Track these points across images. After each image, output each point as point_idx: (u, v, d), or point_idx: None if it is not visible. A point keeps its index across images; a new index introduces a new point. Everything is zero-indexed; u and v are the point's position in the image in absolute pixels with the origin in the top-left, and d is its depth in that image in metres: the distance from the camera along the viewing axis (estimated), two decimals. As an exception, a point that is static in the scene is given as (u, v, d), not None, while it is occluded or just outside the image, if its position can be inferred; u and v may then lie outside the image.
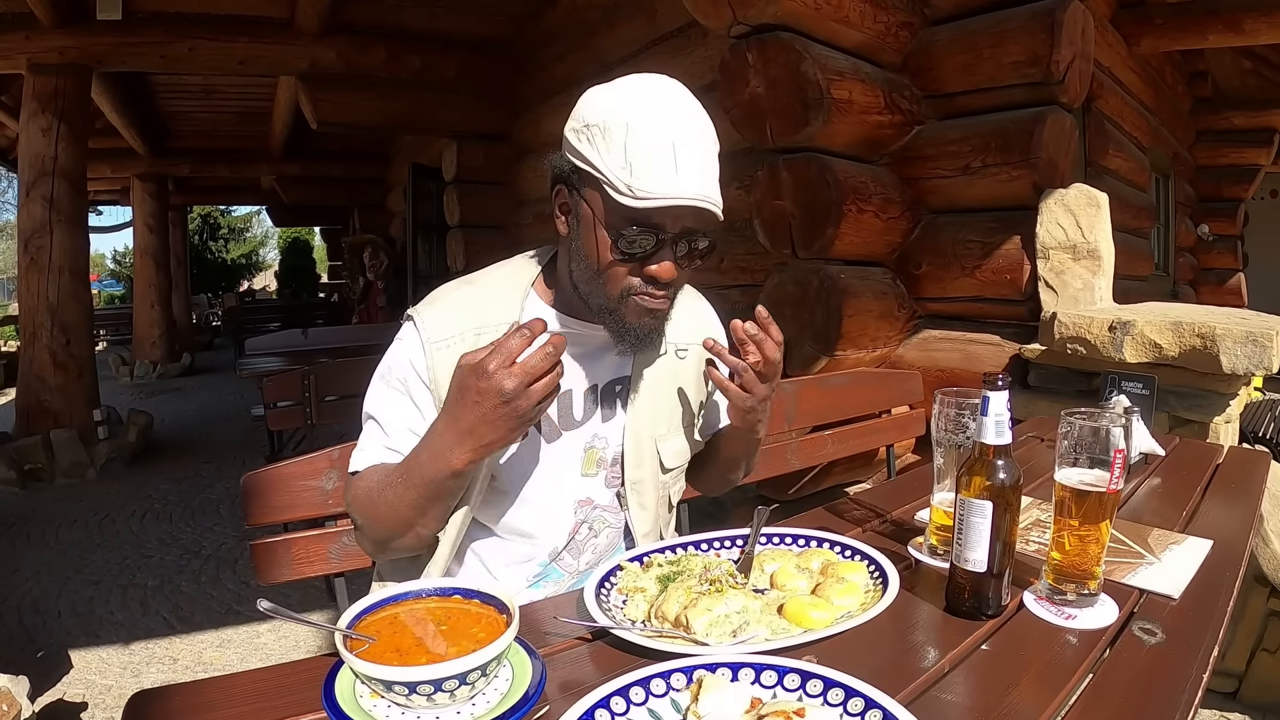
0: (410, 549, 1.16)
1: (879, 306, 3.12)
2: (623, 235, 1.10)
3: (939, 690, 0.85)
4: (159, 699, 0.88)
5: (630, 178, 1.06)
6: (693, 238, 1.14)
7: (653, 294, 1.15)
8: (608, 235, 1.11)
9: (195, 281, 17.59)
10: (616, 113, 1.08)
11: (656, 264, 1.12)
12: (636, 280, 1.14)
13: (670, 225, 1.10)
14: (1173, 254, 7.01)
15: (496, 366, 0.95)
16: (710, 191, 1.10)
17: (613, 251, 1.12)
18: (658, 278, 1.13)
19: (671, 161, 1.06)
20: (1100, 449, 1.01)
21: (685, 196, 1.06)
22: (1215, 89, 7.02)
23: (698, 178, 1.08)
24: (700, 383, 1.41)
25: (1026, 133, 2.82)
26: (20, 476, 5.48)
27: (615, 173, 1.07)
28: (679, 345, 1.37)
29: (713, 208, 1.10)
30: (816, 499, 1.67)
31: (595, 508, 1.31)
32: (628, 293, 1.15)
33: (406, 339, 1.21)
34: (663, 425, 1.34)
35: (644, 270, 1.13)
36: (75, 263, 5.84)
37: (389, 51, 6.35)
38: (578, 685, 0.84)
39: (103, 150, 9.52)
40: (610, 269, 1.14)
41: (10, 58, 5.59)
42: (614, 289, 1.15)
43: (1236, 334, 2.21)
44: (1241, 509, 1.52)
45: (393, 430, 1.18)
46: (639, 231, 1.09)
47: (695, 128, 1.11)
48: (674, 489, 1.41)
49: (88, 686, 2.79)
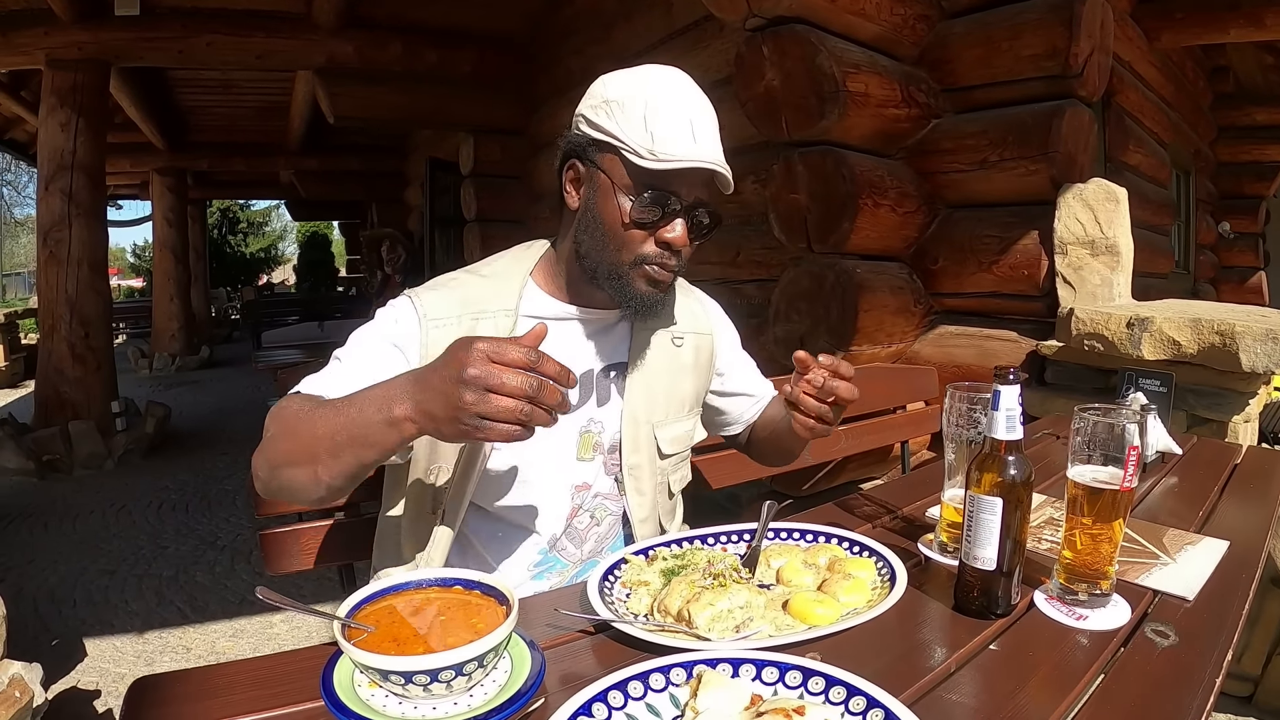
0: (298, 488, 1.02)
1: (895, 301, 3.10)
2: (642, 198, 1.14)
3: (944, 690, 0.83)
4: (160, 685, 0.88)
5: (652, 144, 1.11)
6: (702, 211, 1.19)
7: (665, 263, 1.19)
8: (627, 199, 1.15)
9: (214, 275, 17.76)
10: (636, 90, 1.16)
11: (671, 231, 1.16)
12: (650, 249, 1.18)
13: (685, 194, 1.16)
14: (1193, 251, 6.92)
15: (484, 344, 0.86)
16: (721, 158, 1.16)
17: (631, 214, 1.15)
18: (672, 244, 1.17)
19: (689, 131, 1.13)
20: (1114, 446, 0.99)
21: (704, 160, 1.13)
22: (1237, 84, 6.92)
23: (711, 145, 1.16)
24: (698, 372, 1.44)
25: (1044, 126, 2.78)
26: (39, 467, 5.54)
27: (637, 139, 1.12)
28: (675, 334, 1.39)
29: (727, 173, 1.16)
30: (831, 495, 1.65)
31: (595, 495, 1.32)
32: (640, 261, 1.18)
33: (402, 310, 1.20)
34: (660, 411, 1.36)
35: (658, 235, 1.17)
36: (94, 256, 5.89)
37: (406, 46, 6.36)
38: (578, 678, 0.83)
39: (122, 145, 9.62)
40: (627, 233, 1.17)
41: (29, 53, 5.64)
42: (627, 255, 1.18)
43: (1256, 331, 2.17)
44: (1259, 510, 1.49)
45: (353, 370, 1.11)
46: (657, 196, 1.14)
47: (706, 107, 1.19)
48: (673, 476, 1.42)
49: (101, 675, 2.82)
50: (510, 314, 1.23)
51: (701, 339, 1.45)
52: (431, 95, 6.69)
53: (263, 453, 1.05)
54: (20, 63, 5.84)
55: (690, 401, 1.43)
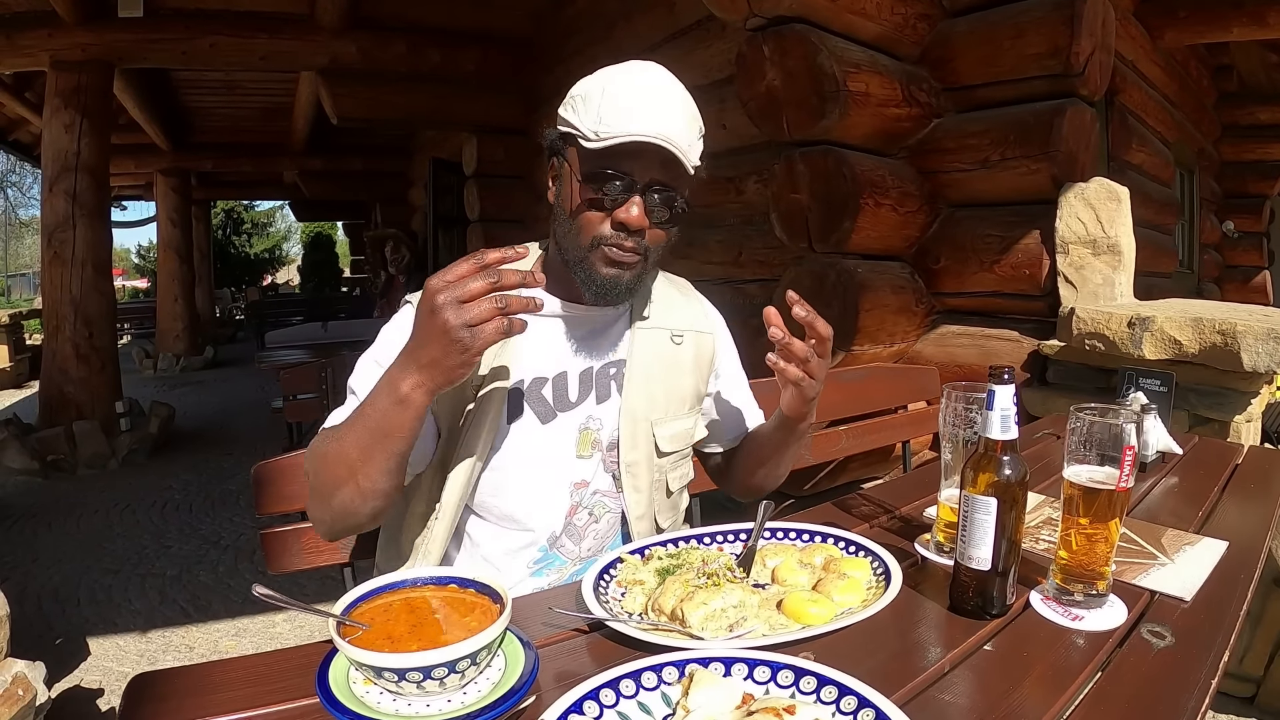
0: (352, 510, 1.06)
1: (896, 301, 3.09)
2: (592, 180, 1.15)
3: (937, 690, 0.83)
4: (159, 681, 0.88)
5: (598, 125, 1.13)
6: (665, 193, 1.17)
7: (621, 244, 1.18)
8: (579, 182, 1.17)
9: (218, 276, 17.80)
10: (600, 82, 1.17)
11: (624, 210, 1.16)
12: (606, 230, 1.17)
13: (639, 174, 1.15)
14: (1197, 250, 6.89)
15: (434, 278, 0.94)
16: (677, 140, 1.13)
17: (583, 196, 1.17)
18: (626, 225, 1.16)
19: (636, 105, 1.13)
20: (1111, 446, 0.99)
21: (644, 134, 1.11)
22: (1241, 83, 6.89)
23: (661, 122, 1.13)
24: (698, 370, 1.43)
25: (1046, 125, 2.78)
26: (43, 467, 5.56)
27: (587, 125, 1.14)
28: (675, 331, 1.39)
29: (675, 151, 1.13)
30: (833, 495, 1.65)
31: (594, 492, 1.32)
32: (597, 242, 1.18)
33: (407, 318, 1.20)
34: (659, 409, 1.35)
35: (613, 216, 1.17)
36: (98, 256, 5.91)
37: (408, 46, 6.38)
38: (572, 676, 0.83)
39: (126, 145, 9.65)
40: (582, 216, 1.18)
41: (33, 54, 5.66)
42: (585, 238, 1.19)
43: (1258, 331, 2.17)
44: (1260, 510, 1.48)
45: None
46: (604, 175, 1.14)
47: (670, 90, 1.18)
48: (671, 475, 1.41)
49: (104, 674, 2.83)
50: None
51: (702, 338, 1.45)
52: (434, 95, 6.70)
53: (311, 497, 1.12)
54: (24, 64, 5.86)
55: (690, 399, 1.42)
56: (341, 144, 10.87)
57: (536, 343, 1.26)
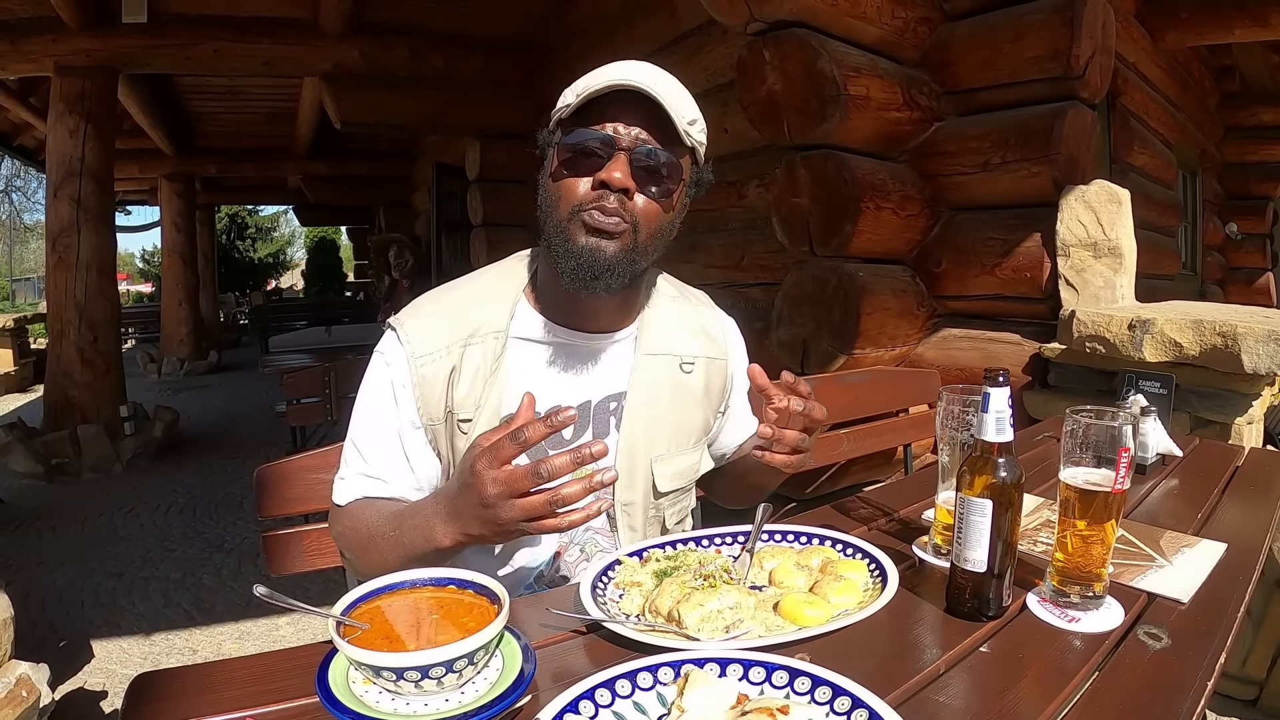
0: None
1: (898, 304, 3.10)
2: (572, 141, 1.09)
3: (932, 691, 0.84)
4: (161, 681, 0.89)
5: (580, 91, 1.09)
6: (653, 154, 1.09)
7: (603, 208, 1.08)
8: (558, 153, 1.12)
9: (223, 280, 17.85)
10: (585, 75, 1.12)
11: (605, 171, 1.08)
12: (587, 193, 1.09)
13: (623, 131, 1.08)
14: (1200, 252, 6.88)
15: (483, 467, 0.90)
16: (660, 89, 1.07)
17: (560, 158, 1.11)
18: (608, 184, 1.07)
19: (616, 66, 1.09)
20: (1106, 447, 0.99)
21: (624, 79, 1.05)
22: (1243, 84, 6.88)
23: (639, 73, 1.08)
24: (709, 401, 1.35)
25: (1047, 128, 2.77)
26: (47, 470, 5.59)
27: (569, 100, 1.11)
28: (684, 359, 1.30)
29: (658, 98, 1.06)
30: (834, 498, 1.65)
31: (586, 530, 1.27)
32: (576, 210, 1.10)
33: (390, 354, 1.18)
34: (660, 445, 1.28)
35: (594, 179, 1.09)
36: (102, 261, 5.94)
37: (412, 51, 6.40)
38: (569, 676, 0.83)
39: (130, 150, 9.69)
40: (561, 182, 1.11)
41: (38, 60, 5.70)
42: (565, 208, 1.11)
43: (1258, 332, 2.16)
44: (1260, 512, 1.48)
45: (372, 457, 1.15)
46: (585, 134, 1.08)
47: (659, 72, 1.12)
48: (669, 512, 1.34)
49: (108, 676, 2.84)
50: (500, 336, 1.19)
51: (714, 365, 1.34)
52: (437, 100, 6.71)
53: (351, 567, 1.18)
54: (29, 69, 5.90)
55: (697, 433, 1.34)
56: (345, 149, 10.89)
57: (530, 373, 1.20)
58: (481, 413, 1.17)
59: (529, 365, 1.21)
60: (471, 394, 1.16)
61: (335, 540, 1.14)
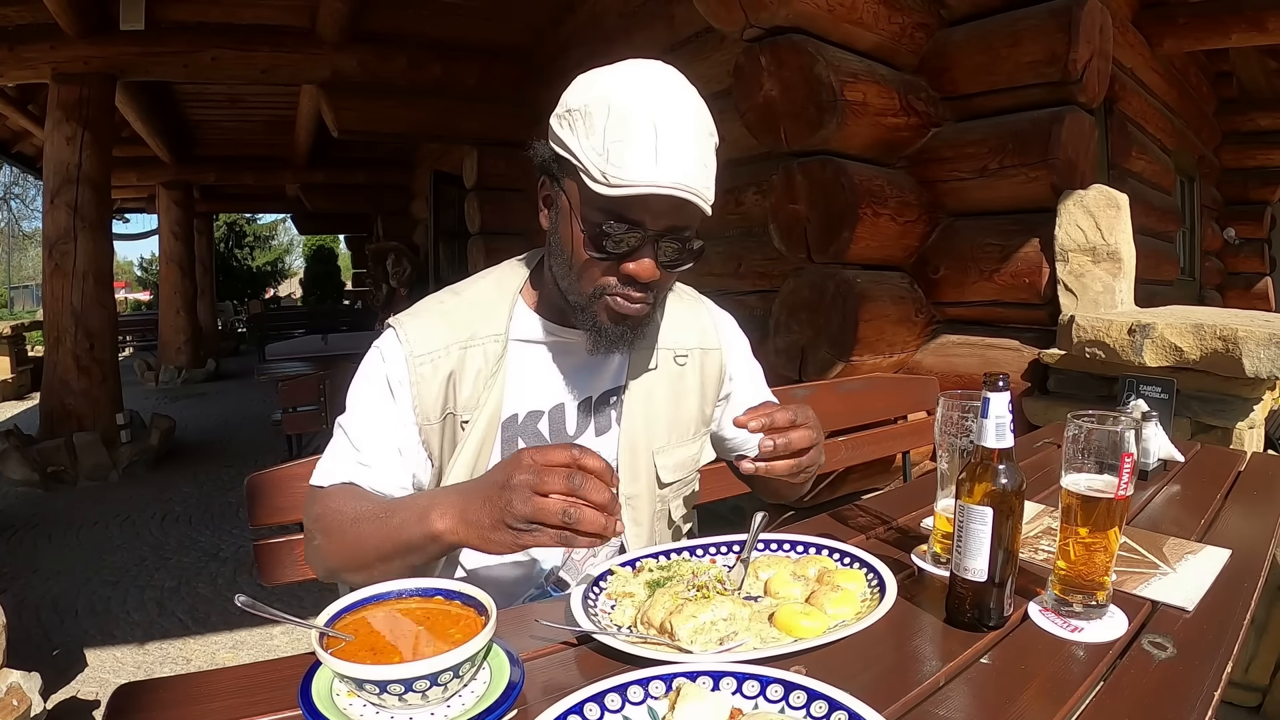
0: (353, 581, 1.03)
1: (896, 311, 3.08)
2: (599, 230, 1.03)
3: (932, 705, 0.81)
4: (144, 691, 0.88)
5: (606, 164, 0.99)
6: (680, 236, 1.07)
7: (629, 295, 1.08)
8: (583, 230, 1.05)
9: (221, 288, 17.84)
10: (600, 96, 1.02)
11: (635, 263, 1.05)
12: (612, 280, 1.07)
13: (652, 222, 1.03)
14: (1199, 258, 6.87)
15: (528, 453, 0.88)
16: (695, 181, 1.01)
17: (588, 247, 1.05)
18: (636, 277, 1.06)
19: (652, 147, 0.98)
20: (1109, 453, 0.97)
21: (663, 184, 0.98)
22: (1241, 90, 6.88)
23: (680, 165, 0.99)
24: (705, 391, 1.35)
25: (1044, 133, 2.77)
26: (43, 478, 5.56)
27: (592, 159, 1.00)
28: (678, 351, 1.31)
29: (696, 199, 1.01)
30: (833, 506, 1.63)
31: None
32: (601, 292, 1.08)
33: (388, 351, 1.16)
34: (660, 437, 1.29)
35: (621, 268, 1.06)
36: (99, 268, 5.93)
37: (410, 60, 6.41)
38: (559, 689, 0.81)
39: (128, 158, 9.69)
40: (585, 266, 1.07)
41: (35, 67, 5.69)
42: (587, 286, 1.08)
43: (1259, 336, 2.15)
44: (1264, 517, 1.46)
45: (363, 444, 1.13)
46: (617, 227, 1.02)
47: (683, 112, 1.03)
48: (673, 504, 1.35)
49: (101, 685, 2.82)
50: (499, 339, 1.19)
51: (708, 355, 1.35)
52: (435, 108, 6.73)
53: (315, 556, 1.09)
54: (27, 76, 5.88)
55: (696, 424, 1.35)
56: (343, 157, 10.90)
57: (530, 373, 1.21)
58: (482, 414, 1.17)
59: (529, 366, 1.22)
60: (473, 396, 1.17)
61: (308, 521, 1.09)
